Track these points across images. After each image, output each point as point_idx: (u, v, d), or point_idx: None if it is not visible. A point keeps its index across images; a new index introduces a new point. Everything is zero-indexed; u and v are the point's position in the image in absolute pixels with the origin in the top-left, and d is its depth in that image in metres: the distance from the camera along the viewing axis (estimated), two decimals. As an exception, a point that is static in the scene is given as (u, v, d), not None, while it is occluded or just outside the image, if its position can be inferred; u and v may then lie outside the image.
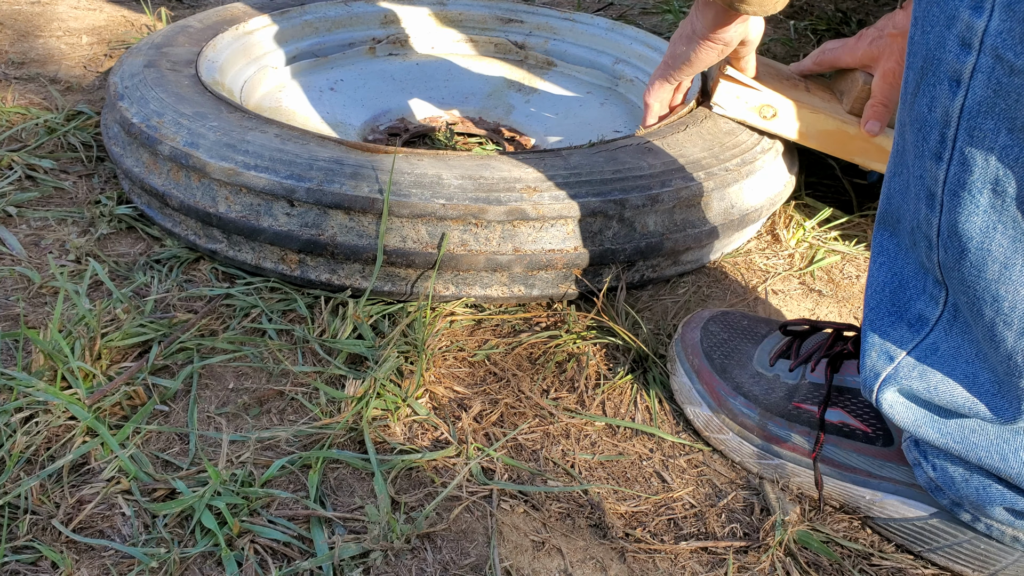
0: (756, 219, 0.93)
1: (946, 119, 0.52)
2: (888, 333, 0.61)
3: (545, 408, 0.75)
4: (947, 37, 0.51)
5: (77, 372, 0.70)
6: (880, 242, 0.63)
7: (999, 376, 0.56)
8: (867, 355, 0.62)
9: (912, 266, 0.60)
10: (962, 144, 0.51)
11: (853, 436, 0.67)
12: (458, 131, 1.22)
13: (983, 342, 0.56)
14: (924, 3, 0.53)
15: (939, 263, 0.56)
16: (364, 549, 0.60)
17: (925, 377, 0.59)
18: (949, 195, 0.53)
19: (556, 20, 1.32)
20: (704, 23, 0.87)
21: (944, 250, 0.55)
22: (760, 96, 0.94)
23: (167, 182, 0.86)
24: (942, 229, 0.54)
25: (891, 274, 0.62)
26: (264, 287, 0.85)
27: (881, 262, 0.63)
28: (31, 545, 0.59)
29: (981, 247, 0.52)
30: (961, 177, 0.52)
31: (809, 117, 0.94)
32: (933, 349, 0.59)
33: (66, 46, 1.37)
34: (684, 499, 0.68)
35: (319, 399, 0.73)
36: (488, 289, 0.83)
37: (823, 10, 1.80)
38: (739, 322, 0.77)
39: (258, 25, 1.19)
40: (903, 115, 0.57)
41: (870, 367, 0.62)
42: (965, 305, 0.56)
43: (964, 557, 0.63)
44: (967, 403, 0.58)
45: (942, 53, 0.51)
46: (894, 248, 0.62)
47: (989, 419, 0.57)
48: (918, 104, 0.54)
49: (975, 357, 0.57)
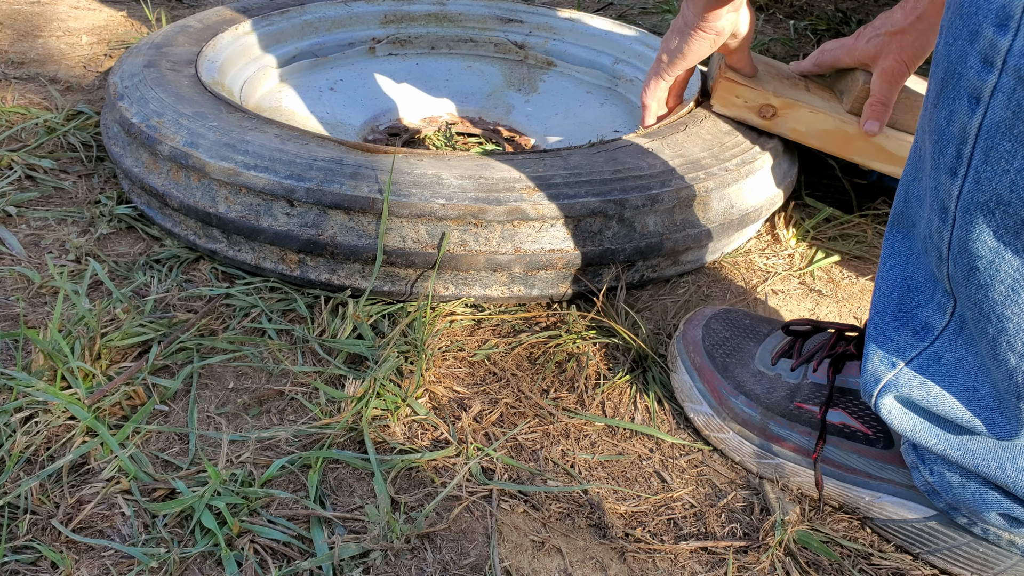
0: (756, 219, 0.93)
1: (963, 135, 0.51)
2: (892, 338, 0.61)
3: (545, 408, 0.75)
4: (969, 52, 0.49)
5: (77, 372, 0.70)
6: (892, 243, 0.62)
7: (1000, 392, 0.56)
8: (869, 359, 0.62)
9: (923, 272, 0.60)
10: (978, 163, 0.50)
11: (854, 437, 0.67)
12: (458, 131, 1.22)
13: (986, 357, 0.55)
14: (950, 13, 0.52)
15: (948, 275, 0.55)
16: (364, 549, 0.60)
17: (925, 387, 0.59)
18: (962, 212, 0.52)
19: (556, 20, 1.32)
20: (694, 11, 0.86)
21: (953, 264, 0.54)
22: (760, 96, 0.94)
23: (167, 182, 0.86)
24: (953, 243, 0.53)
25: (901, 277, 0.61)
26: (264, 287, 0.85)
27: (892, 264, 0.62)
28: (31, 545, 0.59)
29: (990, 267, 0.52)
30: (975, 196, 0.51)
31: (809, 117, 0.94)
32: (936, 358, 0.59)
33: (66, 46, 1.37)
34: (684, 499, 0.68)
35: (319, 399, 0.73)
36: (488, 289, 0.83)
37: (823, 10, 1.80)
38: (741, 320, 0.77)
39: (258, 25, 1.19)
40: (924, 122, 0.56)
41: (871, 371, 0.62)
42: (971, 320, 0.55)
43: (962, 560, 0.63)
44: (965, 417, 0.57)
45: (963, 68, 0.50)
46: (906, 251, 0.61)
47: (986, 434, 0.57)
48: (937, 115, 0.53)
49: (978, 370, 0.57)
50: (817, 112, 0.94)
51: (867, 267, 0.98)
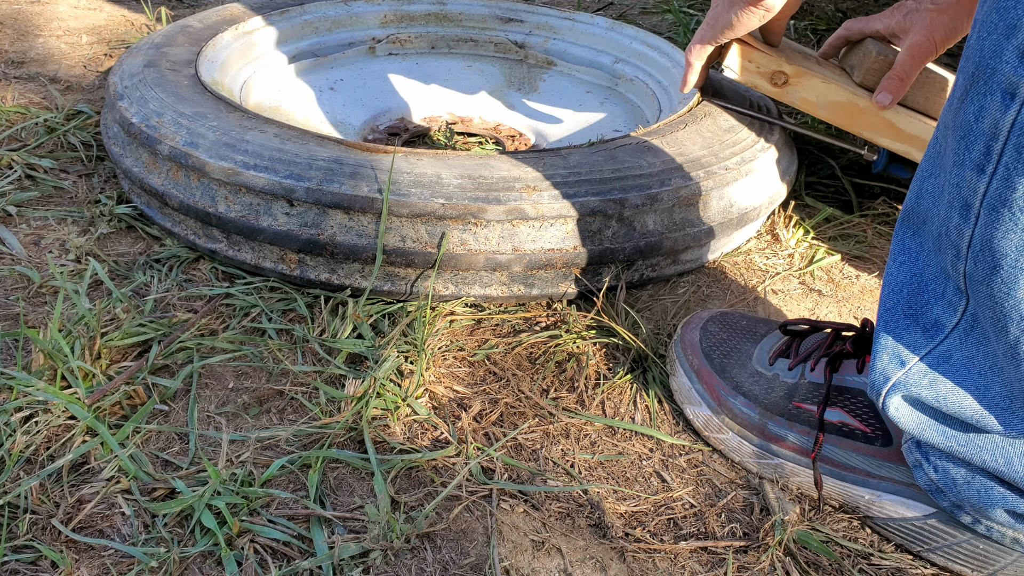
0: (755, 218, 0.93)
1: (994, 131, 0.50)
2: (902, 336, 0.60)
3: (545, 408, 0.75)
4: (1005, 47, 0.48)
5: (77, 372, 0.70)
6: (902, 240, 0.62)
7: (1013, 392, 0.55)
8: (879, 357, 0.61)
9: (933, 269, 0.59)
10: (1009, 160, 0.49)
11: (852, 436, 0.67)
12: (458, 131, 1.22)
13: (1002, 357, 0.55)
14: (986, 7, 0.51)
15: (964, 273, 0.55)
16: (364, 549, 0.60)
17: (935, 386, 0.59)
18: (987, 209, 0.51)
19: (556, 20, 1.32)
20: None
21: (974, 262, 0.53)
22: (773, 62, 0.93)
23: (167, 182, 0.86)
24: (974, 241, 0.53)
25: (911, 275, 0.61)
26: (264, 287, 0.85)
27: (902, 261, 0.62)
28: (31, 545, 0.59)
29: (1015, 265, 0.51)
30: (1003, 193, 0.50)
31: (821, 87, 0.93)
32: (946, 357, 0.59)
33: (66, 45, 1.37)
34: (684, 499, 0.68)
35: (319, 399, 0.73)
36: (488, 288, 0.83)
37: (823, 10, 1.80)
38: (738, 322, 0.77)
39: (258, 25, 1.19)
40: (947, 118, 0.55)
41: (880, 370, 0.61)
42: (989, 320, 0.55)
43: (963, 557, 0.63)
44: (975, 416, 0.57)
45: (997, 63, 0.49)
46: (916, 248, 0.61)
47: (997, 432, 0.57)
48: (964, 111, 0.52)
49: (988, 370, 0.57)
50: (829, 83, 0.93)
51: (867, 267, 0.98)
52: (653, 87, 1.20)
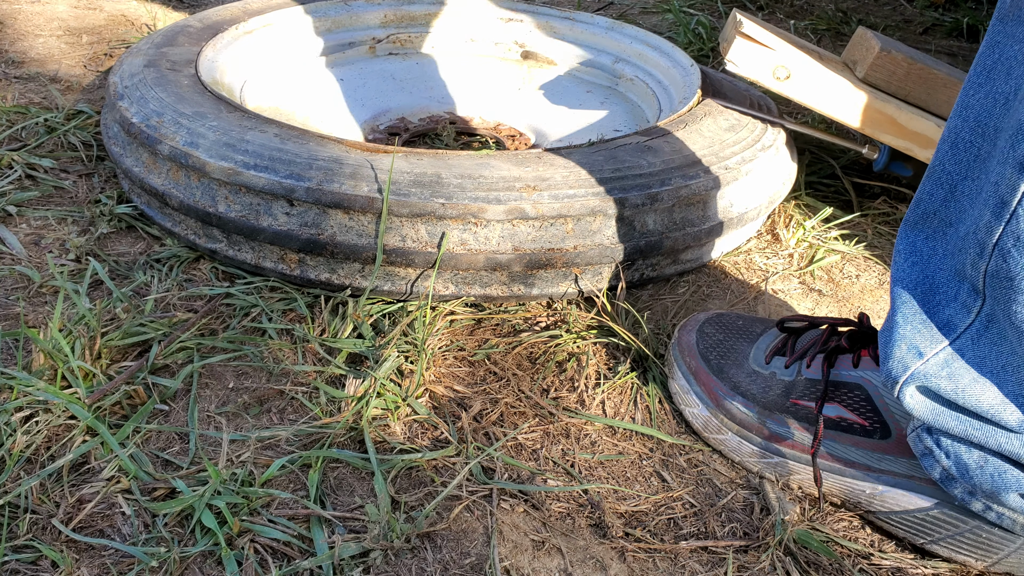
0: (755, 218, 0.93)
1: None
2: (919, 329, 0.60)
3: (545, 408, 0.75)
4: None
5: (77, 371, 0.70)
6: (913, 242, 0.62)
7: None
8: (896, 346, 0.61)
9: (946, 272, 0.59)
10: None
11: (851, 430, 0.67)
12: (458, 130, 1.22)
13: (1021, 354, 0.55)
14: None
15: (986, 272, 0.55)
16: (364, 548, 0.60)
17: (954, 378, 0.59)
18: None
19: (556, 19, 1.32)
20: None
21: (1003, 259, 0.54)
22: (775, 56, 0.93)
23: (167, 182, 0.86)
24: (1004, 238, 0.53)
25: (923, 276, 0.61)
26: (264, 286, 0.85)
27: (914, 261, 0.62)
28: (31, 544, 0.59)
29: None
30: None
31: (823, 82, 0.93)
32: (960, 355, 0.59)
33: (66, 45, 1.37)
34: (684, 499, 0.68)
35: (319, 398, 0.73)
36: (488, 288, 0.83)
37: (823, 10, 1.80)
38: (734, 323, 0.77)
39: (258, 25, 1.19)
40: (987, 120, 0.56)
41: (899, 358, 0.61)
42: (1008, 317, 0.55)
43: (967, 546, 0.63)
44: (991, 411, 0.57)
45: None
46: (929, 251, 0.61)
47: (1012, 428, 0.57)
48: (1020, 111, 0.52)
49: (1001, 369, 0.57)
50: (831, 78, 0.93)
51: (867, 266, 0.98)
52: (653, 87, 1.19)
